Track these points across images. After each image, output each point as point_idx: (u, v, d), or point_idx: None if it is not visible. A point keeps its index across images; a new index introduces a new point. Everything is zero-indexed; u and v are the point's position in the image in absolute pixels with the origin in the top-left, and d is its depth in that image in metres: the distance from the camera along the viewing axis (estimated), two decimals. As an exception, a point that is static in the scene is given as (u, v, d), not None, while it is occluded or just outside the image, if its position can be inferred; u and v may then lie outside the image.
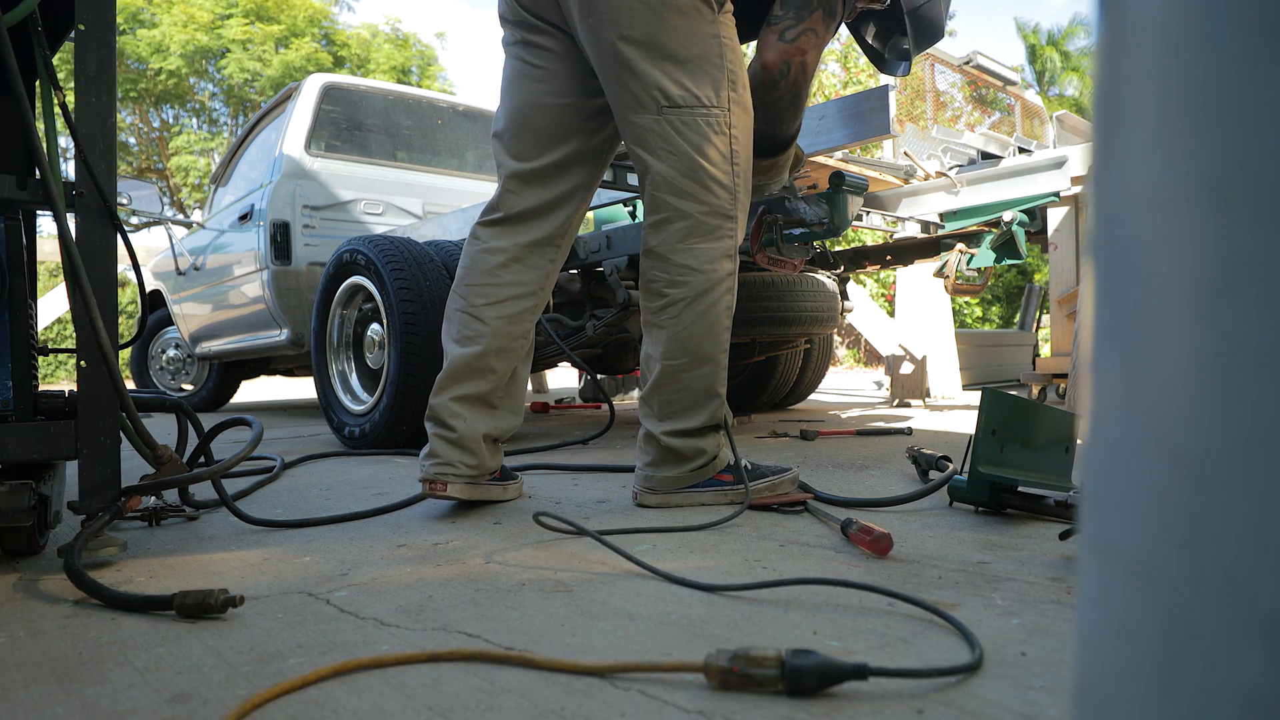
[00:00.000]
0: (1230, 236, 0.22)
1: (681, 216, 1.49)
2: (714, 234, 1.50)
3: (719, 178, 1.49)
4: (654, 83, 1.44)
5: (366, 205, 4.18)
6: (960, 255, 2.98)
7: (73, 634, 0.90)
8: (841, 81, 12.58)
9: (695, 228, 1.49)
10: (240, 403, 6.43)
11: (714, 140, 1.47)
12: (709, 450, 1.55)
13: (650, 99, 1.45)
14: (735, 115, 1.50)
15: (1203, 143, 0.23)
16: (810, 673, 0.68)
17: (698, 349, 1.51)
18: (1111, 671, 0.25)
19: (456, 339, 1.60)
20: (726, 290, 1.52)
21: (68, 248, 1.16)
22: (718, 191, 1.49)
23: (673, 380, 1.53)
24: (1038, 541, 1.22)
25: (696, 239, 1.49)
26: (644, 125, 1.48)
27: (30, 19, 1.13)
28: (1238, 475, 0.22)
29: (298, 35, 17.75)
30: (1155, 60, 0.24)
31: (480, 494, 1.59)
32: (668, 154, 1.48)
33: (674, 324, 1.51)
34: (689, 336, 1.50)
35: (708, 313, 1.50)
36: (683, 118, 1.46)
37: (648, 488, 1.56)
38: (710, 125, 1.47)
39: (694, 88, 1.45)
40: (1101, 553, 0.26)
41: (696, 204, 1.48)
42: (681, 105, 1.45)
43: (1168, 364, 0.24)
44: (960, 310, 14.58)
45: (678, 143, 1.46)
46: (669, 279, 1.51)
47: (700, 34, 1.45)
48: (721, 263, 1.51)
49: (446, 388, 1.59)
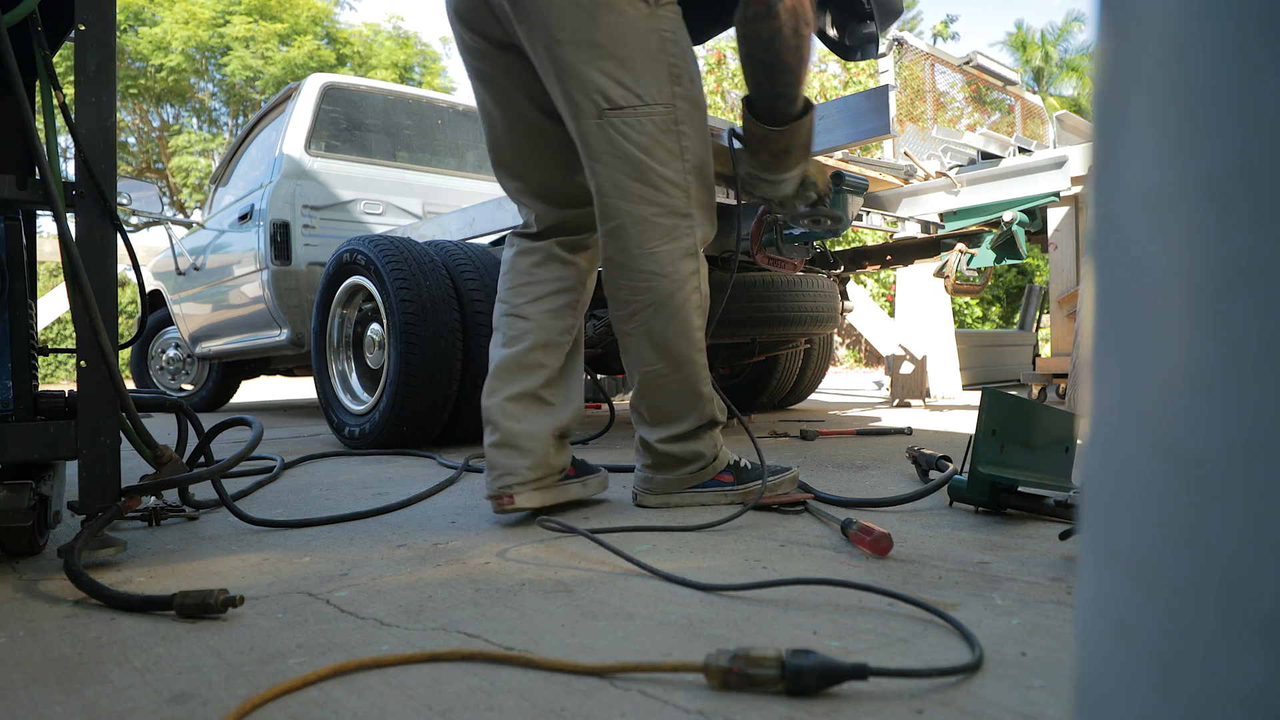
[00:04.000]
0: (1230, 236, 0.22)
1: (635, 221, 1.43)
2: (671, 234, 1.44)
3: (670, 176, 1.43)
4: (593, 85, 1.38)
5: (366, 205, 4.18)
6: (960, 255, 2.98)
7: (73, 634, 0.90)
8: (841, 82, 12.59)
9: (651, 231, 1.43)
10: (240, 403, 6.43)
11: (661, 139, 1.41)
12: (706, 452, 1.52)
13: (590, 103, 1.40)
14: (683, 111, 1.43)
15: (1203, 143, 0.23)
16: (810, 673, 0.68)
17: (673, 353, 1.46)
18: (1111, 671, 0.25)
19: (503, 342, 1.57)
20: (694, 289, 1.46)
21: (68, 248, 1.16)
22: (670, 190, 1.43)
23: (655, 387, 1.49)
24: (1038, 541, 1.22)
25: (655, 242, 1.43)
26: (587, 131, 1.42)
27: (30, 19, 1.13)
28: (1237, 475, 0.22)
29: (300, 33, 17.77)
30: (1155, 60, 0.24)
31: (554, 498, 1.51)
32: (613, 158, 1.41)
33: (644, 331, 1.46)
34: (662, 342, 1.46)
35: (677, 315, 1.45)
36: (625, 119, 1.39)
37: (647, 489, 1.54)
38: (655, 124, 1.40)
39: (635, 86, 1.39)
40: (1101, 553, 0.26)
41: (649, 206, 1.42)
42: (623, 106, 1.39)
43: (1168, 364, 0.24)
44: (960, 310, 14.58)
45: (622, 145, 1.40)
46: (632, 286, 1.45)
47: (638, 29, 1.38)
48: (684, 262, 1.45)
49: (497, 389, 1.54)
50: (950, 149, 2.86)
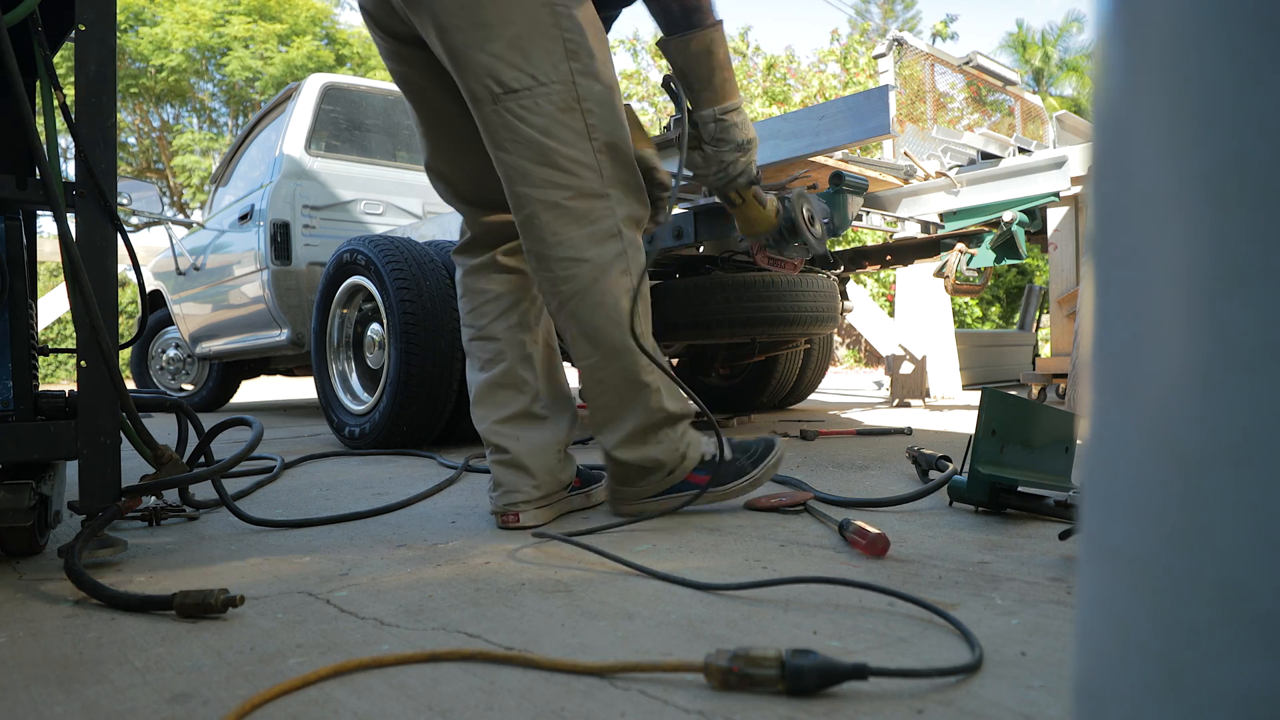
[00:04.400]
0: (1230, 236, 0.22)
1: (546, 207, 1.35)
2: (587, 217, 1.35)
3: (576, 157, 1.34)
4: (485, 69, 1.32)
5: (366, 205, 4.18)
6: (960, 255, 2.98)
7: (73, 634, 0.90)
8: (841, 82, 12.59)
9: (563, 216, 1.35)
10: (240, 403, 6.43)
11: (561, 119, 1.33)
12: (666, 458, 1.42)
13: (485, 89, 1.33)
14: (584, 88, 1.34)
15: (1203, 143, 0.23)
16: (810, 673, 0.68)
17: (605, 341, 1.37)
18: (1111, 671, 0.25)
19: (480, 367, 1.54)
20: (621, 272, 1.36)
21: (68, 248, 1.16)
22: (579, 171, 1.35)
23: (595, 383, 1.41)
24: (1038, 541, 1.22)
25: (569, 227, 1.35)
26: (486, 118, 1.35)
27: (30, 19, 1.13)
28: (1237, 475, 0.22)
29: (299, 34, 17.77)
30: (1155, 60, 0.24)
31: (558, 514, 1.51)
32: (514, 143, 1.34)
33: (574, 322, 1.38)
34: (593, 331, 1.37)
35: (604, 300, 1.35)
36: (521, 102, 1.32)
37: (616, 499, 1.47)
38: (554, 103, 1.33)
39: (527, 66, 1.31)
40: (1101, 553, 0.26)
41: (558, 190, 1.35)
42: (518, 89, 1.32)
43: (1168, 364, 0.24)
44: (960, 310, 14.59)
45: (522, 130, 1.33)
46: (554, 277, 1.37)
47: (525, 6, 1.31)
48: (605, 245, 1.36)
49: (485, 415, 1.52)
50: (950, 149, 2.86)
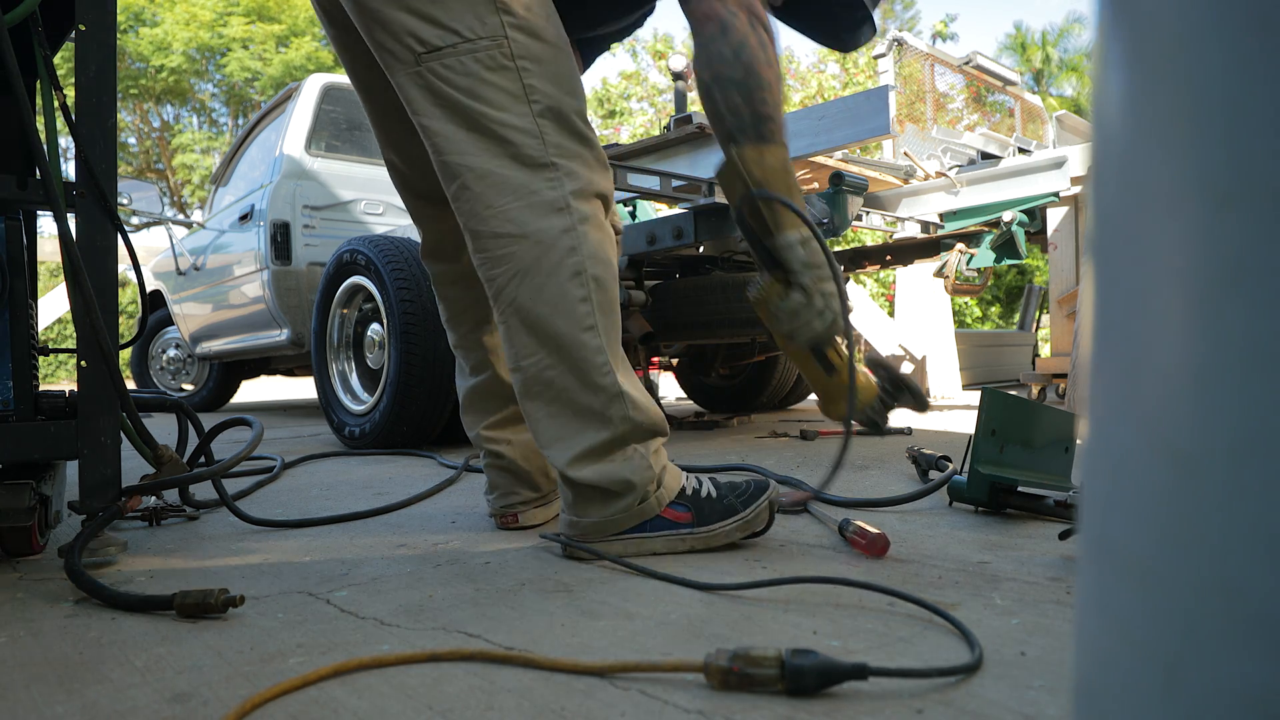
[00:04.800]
0: (1230, 236, 0.22)
1: (478, 177, 1.19)
2: (527, 188, 1.18)
3: (511, 122, 1.18)
4: (402, 28, 1.18)
5: (366, 205, 4.18)
6: (960, 255, 2.98)
7: (73, 634, 0.90)
8: (841, 82, 12.59)
9: (500, 186, 1.19)
10: (240, 403, 6.43)
11: (491, 79, 1.17)
12: (635, 479, 1.17)
13: (404, 49, 1.19)
14: (518, 43, 1.18)
15: (1203, 142, 0.23)
16: (810, 673, 0.68)
17: (551, 334, 1.17)
18: (1111, 671, 0.25)
19: (469, 372, 1.48)
20: (568, 251, 1.17)
21: (68, 248, 1.16)
22: (514, 138, 1.18)
23: (540, 386, 1.19)
24: (1037, 541, 1.22)
25: (505, 198, 1.18)
26: (406, 84, 1.21)
27: (30, 19, 1.13)
28: (1235, 475, 0.22)
29: (298, 34, 17.76)
30: (1155, 60, 0.24)
31: (557, 511, 1.42)
32: (439, 109, 1.19)
33: (513, 312, 1.19)
34: (535, 321, 1.17)
35: (547, 284, 1.17)
36: (444, 62, 1.17)
37: (576, 534, 1.20)
38: (482, 62, 1.17)
39: (449, 21, 1.16)
40: (1101, 553, 0.26)
41: (491, 158, 1.19)
42: (441, 47, 1.17)
43: (1168, 364, 0.24)
44: (960, 310, 14.58)
45: (447, 93, 1.18)
46: (490, 257, 1.20)
47: None
48: (548, 219, 1.17)
49: (475, 421, 1.46)
50: (950, 149, 2.86)
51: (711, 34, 1.18)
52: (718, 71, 1.18)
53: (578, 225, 1.18)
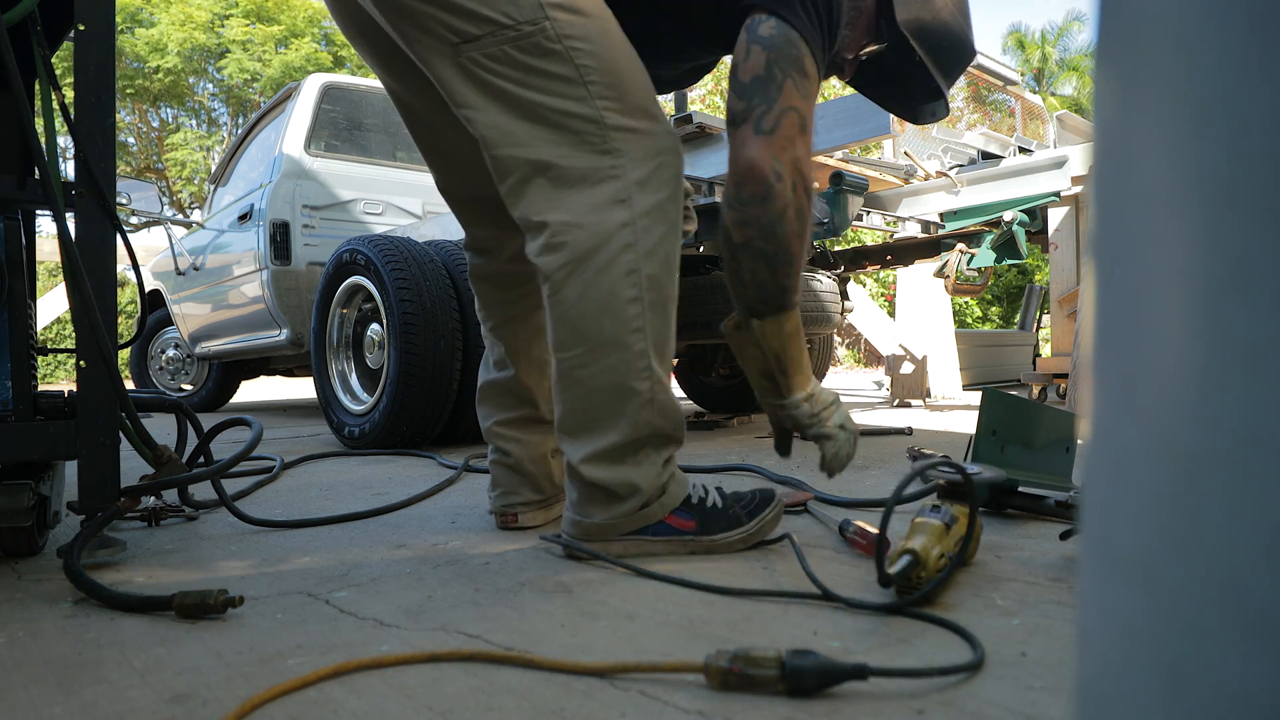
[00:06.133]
0: (1231, 236, 0.22)
1: (538, 169, 1.13)
2: (587, 180, 1.13)
3: (567, 108, 1.12)
4: (435, 19, 1.12)
5: (366, 205, 4.18)
6: (960, 255, 2.98)
7: (72, 634, 0.90)
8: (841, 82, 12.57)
9: (560, 178, 1.13)
10: (240, 403, 6.43)
11: (541, 64, 1.11)
12: (644, 485, 1.16)
13: (440, 40, 1.13)
14: (560, 22, 1.11)
15: (1204, 142, 0.23)
16: (810, 673, 0.68)
17: (593, 332, 1.13)
18: (1112, 671, 0.25)
19: (493, 363, 1.47)
20: (623, 247, 1.12)
21: (67, 248, 1.16)
22: (573, 124, 1.12)
23: (571, 381, 1.16)
24: (1038, 541, 1.22)
25: (565, 191, 1.13)
26: (447, 77, 1.15)
27: (30, 18, 1.13)
28: (1237, 474, 0.22)
29: (297, 36, 17.76)
30: (1155, 59, 0.24)
31: (558, 514, 1.44)
32: (487, 100, 1.13)
33: (558, 303, 1.14)
34: (579, 316, 1.13)
35: (599, 280, 1.12)
36: (485, 51, 1.11)
37: (577, 534, 1.19)
38: (525, 49, 1.11)
39: (484, 9, 1.10)
40: (1102, 553, 0.26)
41: (548, 147, 1.13)
42: (480, 35, 1.11)
43: (1168, 364, 0.23)
44: (960, 310, 14.58)
45: (493, 83, 1.12)
46: (541, 245, 1.15)
47: None
48: (607, 212, 1.12)
49: (489, 413, 1.45)
50: (950, 149, 2.86)
51: (752, 195, 1.14)
52: (749, 239, 1.15)
53: (638, 219, 1.13)
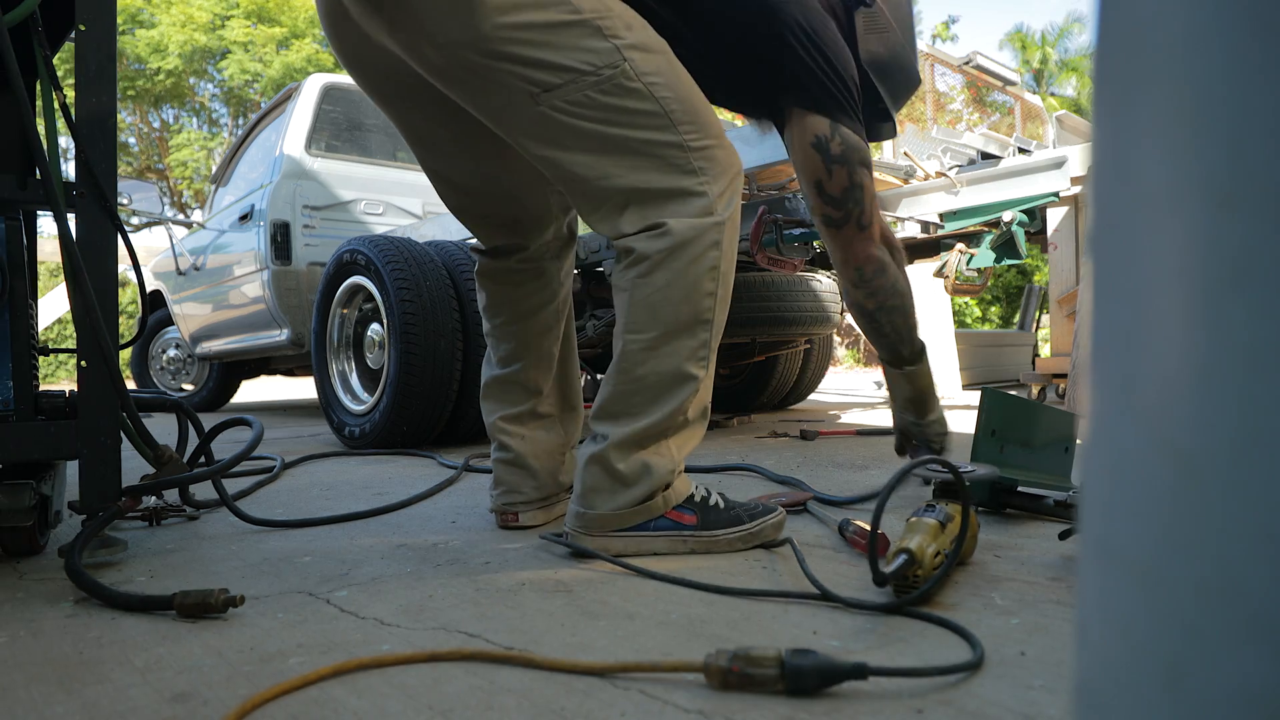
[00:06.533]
0: (1230, 236, 0.22)
1: (631, 196, 1.19)
2: (679, 195, 1.19)
3: (654, 138, 1.17)
4: (512, 75, 1.14)
5: (366, 205, 4.18)
6: (960, 255, 2.98)
7: (73, 633, 0.90)
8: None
9: (654, 198, 1.19)
10: (240, 403, 6.43)
11: (624, 103, 1.16)
12: (657, 474, 1.19)
13: (516, 93, 1.15)
14: (639, 61, 1.16)
15: (1203, 142, 0.23)
16: (810, 672, 0.68)
17: (670, 319, 1.17)
18: (1112, 671, 0.25)
19: (497, 361, 1.49)
20: (710, 245, 1.18)
21: (68, 248, 1.16)
22: (660, 151, 1.18)
23: (633, 363, 1.19)
24: (1037, 541, 1.22)
25: (662, 204, 1.20)
26: (528, 124, 1.18)
27: (30, 19, 1.13)
28: (1238, 475, 0.22)
29: (298, 36, 17.75)
30: (1155, 60, 0.24)
31: (558, 514, 1.46)
32: (577, 138, 1.17)
33: (642, 285, 1.18)
34: (661, 301, 1.17)
35: (688, 270, 1.17)
36: (568, 97, 1.15)
37: (580, 525, 1.21)
38: (608, 91, 1.15)
39: (561, 60, 1.13)
40: (1101, 553, 0.26)
41: (640, 174, 1.18)
42: (561, 84, 1.14)
43: (1168, 364, 0.24)
44: (960, 310, 14.58)
45: (580, 125, 1.16)
46: (643, 234, 1.19)
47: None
48: (702, 216, 1.19)
49: (494, 408, 1.47)
50: (950, 149, 2.86)
51: (874, 273, 1.50)
52: (883, 302, 1.52)
53: (725, 224, 1.21)
